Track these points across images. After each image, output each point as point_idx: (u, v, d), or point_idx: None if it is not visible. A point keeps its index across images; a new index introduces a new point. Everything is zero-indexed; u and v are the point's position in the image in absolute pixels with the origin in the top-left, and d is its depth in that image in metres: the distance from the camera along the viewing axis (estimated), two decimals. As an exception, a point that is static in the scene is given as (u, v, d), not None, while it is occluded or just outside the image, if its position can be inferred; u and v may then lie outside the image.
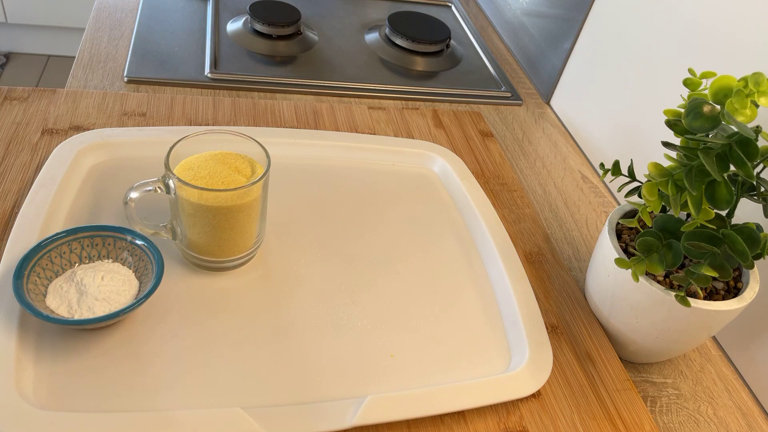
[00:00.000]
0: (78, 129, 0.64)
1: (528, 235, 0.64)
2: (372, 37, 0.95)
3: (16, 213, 0.53)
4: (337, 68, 0.86)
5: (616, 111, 0.75)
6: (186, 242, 0.50)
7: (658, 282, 0.49)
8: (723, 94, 0.43)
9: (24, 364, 0.42)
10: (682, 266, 0.51)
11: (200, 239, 0.49)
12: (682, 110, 0.45)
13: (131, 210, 0.48)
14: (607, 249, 0.51)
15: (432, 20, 0.98)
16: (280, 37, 0.88)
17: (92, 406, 0.41)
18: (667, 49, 0.67)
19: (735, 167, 0.42)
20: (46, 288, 0.46)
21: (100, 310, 0.44)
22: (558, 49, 0.87)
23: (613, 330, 0.54)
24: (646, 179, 0.46)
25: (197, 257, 0.51)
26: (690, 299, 0.46)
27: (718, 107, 0.43)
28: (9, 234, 0.50)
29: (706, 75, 0.47)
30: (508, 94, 0.88)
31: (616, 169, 0.52)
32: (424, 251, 0.59)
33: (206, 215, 0.48)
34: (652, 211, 0.49)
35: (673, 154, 0.46)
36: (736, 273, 0.51)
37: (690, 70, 0.48)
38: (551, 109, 0.89)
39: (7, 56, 2.20)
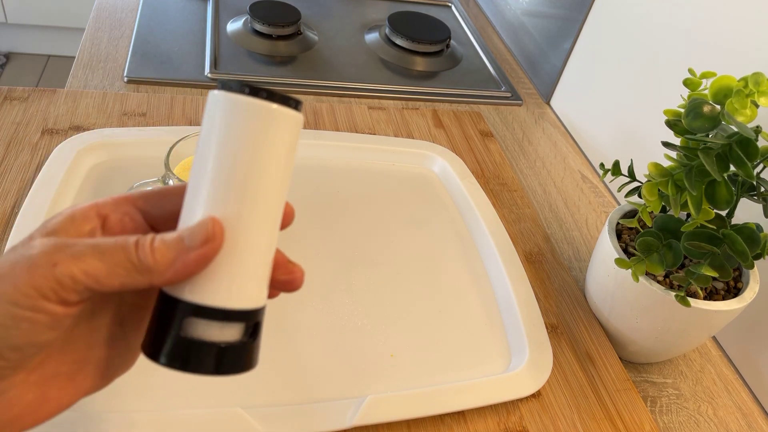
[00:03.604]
0: (78, 129, 0.64)
1: (528, 235, 0.64)
2: (372, 37, 0.95)
3: (16, 213, 0.53)
4: (337, 68, 0.86)
5: (616, 111, 0.75)
6: (186, 242, 0.50)
7: (658, 282, 0.49)
8: (723, 94, 0.43)
9: (24, 364, 0.42)
10: (682, 266, 0.51)
11: (200, 239, 0.49)
12: (682, 110, 0.45)
13: (131, 210, 0.48)
14: (607, 249, 0.51)
15: (432, 20, 0.98)
16: (280, 37, 0.88)
17: (92, 406, 0.41)
18: (667, 49, 0.67)
19: (735, 167, 0.42)
20: (46, 288, 0.46)
21: (100, 310, 0.44)
22: (558, 49, 0.87)
23: (613, 330, 0.54)
24: (646, 179, 0.46)
25: (197, 257, 0.51)
26: (690, 299, 0.46)
27: (718, 107, 0.43)
28: (9, 234, 0.50)
29: (706, 75, 0.47)
30: (508, 94, 0.88)
31: (616, 169, 0.52)
32: (424, 251, 0.59)
33: (206, 215, 0.47)
34: (652, 211, 0.49)
35: (673, 154, 0.46)
36: (736, 273, 0.51)
37: (690, 70, 0.48)
38: (551, 109, 0.89)
39: (7, 56, 2.20)
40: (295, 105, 0.27)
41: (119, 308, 0.29)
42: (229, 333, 0.27)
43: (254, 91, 0.26)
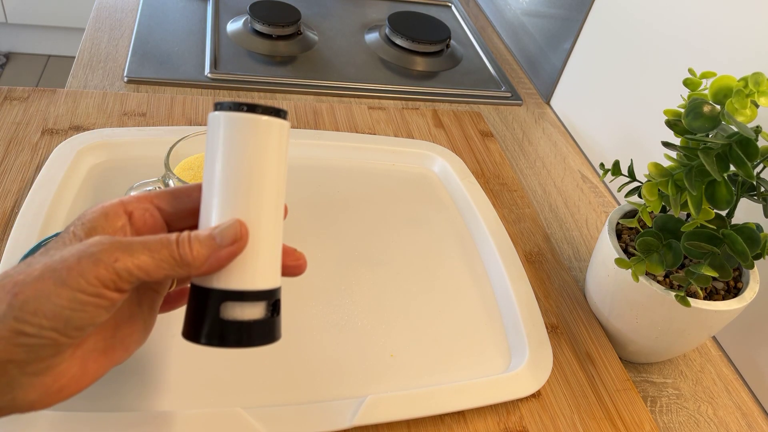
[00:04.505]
0: (78, 129, 0.64)
1: (528, 235, 0.64)
2: (372, 37, 0.95)
3: (16, 213, 0.53)
4: (337, 68, 0.86)
5: (616, 111, 0.75)
6: (186, 242, 0.50)
7: (658, 282, 0.49)
8: (723, 94, 0.43)
9: (24, 364, 0.42)
10: (682, 266, 0.51)
11: (200, 239, 0.49)
12: (682, 110, 0.45)
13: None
14: (607, 249, 0.51)
15: (432, 20, 0.98)
16: (280, 37, 0.88)
17: (91, 406, 0.41)
18: (667, 49, 0.67)
19: (735, 167, 0.42)
20: (46, 288, 0.46)
21: (100, 310, 0.44)
22: (558, 49, 0.87)
23: (613, 330, 0.54)
24: (646, 179, 0.46)
25: (197, 257, 0.51)
26: (690, 299, 0.46)
27: (718, 107, 0.43)
28: (9, 234, 0.50)
29: (706, 75, 0.47)
30: (508, 94, 0.88)
31: (616, 169, 0.52)
32: (424, 251, 0.59)
33: (206, 215, 0.48)
34: (652, 211, 0.49)
35: (673, 154, 0.46)
36: (736, 273, 0.51)
37: (690, 70, 0.48)
38: (551, 109, 0.89)
39: (7, 56, 2.20)
40: (285, 115, 0.32)
41: (138, 292, 0.34)
42: (256, 311, 0.32)
43: (251, 108, 0.31)
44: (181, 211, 0.34)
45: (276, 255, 0.33)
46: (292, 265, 0.35)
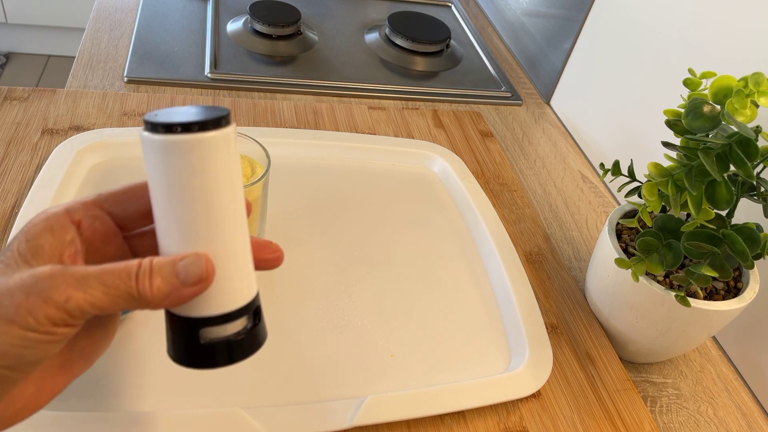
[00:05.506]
0: (78, 129, 0.64)
1: (528, 235, 0.64)
2: (372, 37, 0.95)
3: (16, 213, 0.53)
4: (337, 68, 0.86)
5: (616, 111, 0.75)
6: (186, 242, 0.50)
7: (658, 282, 0.49)
8: (723, 94, 0.43)
9: (24, 364, 0.42)
10: (682, 266, 0.51)
11: (200, 239, 0.49)
12: (682, 110, 0.45)
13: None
14: (607, 249, 0.51)
15: (432, 20, 0.98)
16: (280, 37, 0.88)
17: (92, 406, 0.41)
18: (667, 49, 0.67)
19: (735, 167, 0.42)
20: (46, 288, 0.46)
21: (100, 310, 0.44)
22: (558, 49, 0.87)
23: (613, 330, 0.54)
24: (646, 179, 0.46)
25: (197, 257, 0.51)
26: (690, 299, 0.46)
27: (718, 107, 0.43)
28: (9, 234, 0.50)
29: (706, 75, 0.47)
30: (508, 94, 0.88)
31: (616, 169, 0.52)
32: (424, 251, 0.59)
33: (206, 215, 0.47)
34: (652, 211, 0.49)
35: (673, 154, 0.46)
36: (736, 273, 0.51)
37: (690, 70, 0.48)
38: (551, 109, 0.89)
39: (7, 56, 2.20)
40: (226, 119, 0.28)
41: None
42: (237, 326, 0.30)
43: (186, 127, 0.27)
44: (134, 213, 0.32)
45: (248, 266, 0.30)
46: (270, 258, 0.33)
